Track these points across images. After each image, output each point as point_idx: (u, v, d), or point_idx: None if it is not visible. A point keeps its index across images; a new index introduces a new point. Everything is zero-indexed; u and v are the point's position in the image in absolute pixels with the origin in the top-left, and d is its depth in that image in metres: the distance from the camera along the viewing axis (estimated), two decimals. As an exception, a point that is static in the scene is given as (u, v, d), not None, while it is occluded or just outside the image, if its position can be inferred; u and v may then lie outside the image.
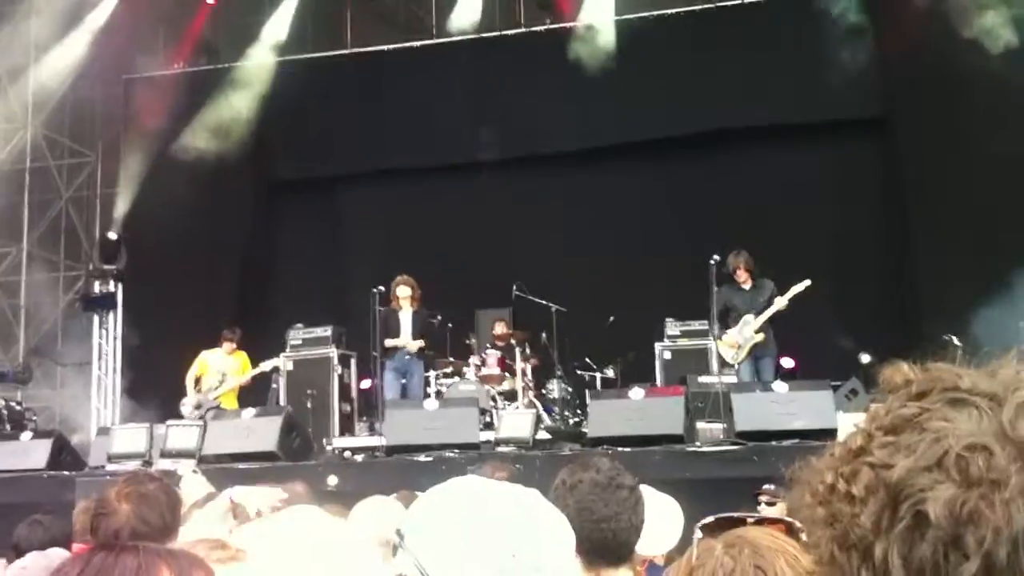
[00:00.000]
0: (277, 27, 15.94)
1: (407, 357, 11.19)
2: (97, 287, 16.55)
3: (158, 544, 1.48)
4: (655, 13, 14.50)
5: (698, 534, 1.69)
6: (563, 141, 14.72)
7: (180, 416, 11.41)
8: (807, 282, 10.09)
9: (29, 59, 16.32)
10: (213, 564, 1.46)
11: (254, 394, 12.43)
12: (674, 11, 14.49)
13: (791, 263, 11.04)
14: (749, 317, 10.19)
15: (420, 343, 11.26)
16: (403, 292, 11.22)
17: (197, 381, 11.77)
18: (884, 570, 0.83)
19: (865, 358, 11.46)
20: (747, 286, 10.29)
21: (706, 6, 14.63)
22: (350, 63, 15.43)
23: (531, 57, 14.83)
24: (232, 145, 15.16)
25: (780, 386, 8.90)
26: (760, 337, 10.22)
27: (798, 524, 1.54)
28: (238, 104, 15.22)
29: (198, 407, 11.47)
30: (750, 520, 2.24)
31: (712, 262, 9.81)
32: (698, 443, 8.96)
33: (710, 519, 1.71)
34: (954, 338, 8.58)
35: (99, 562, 1.29)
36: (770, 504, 6.35)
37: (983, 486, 0.80)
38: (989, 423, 0.84)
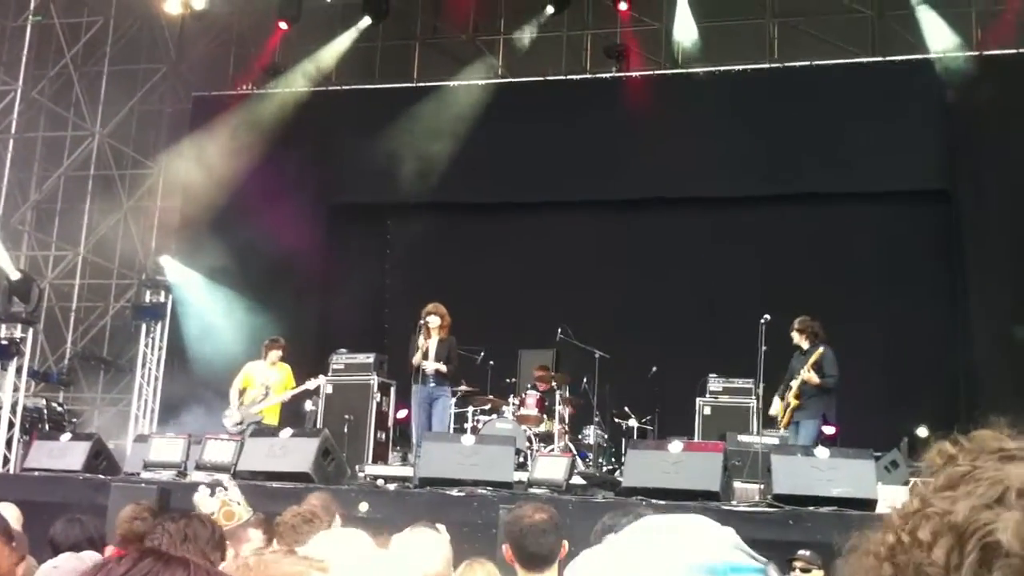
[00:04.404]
0: (340, 53, 16.22)
1: (432, 384, 11.11)
2: (148, 297, 16.75)
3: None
4: (723, 68, 14.56)
5: None
6: (618, 188, 14.73)
7: (220, 428, 11.44)
8: (820, 350, 9.99)
9: (103, 68, 16.70)
10: (300, 571, 1.46)
11: (294, 414, 12.45)
12: (744, 67, 14.55)
13: (844, 330, 10.91)
14: (795, 382, 10.09)
15: (439, 365, 11.10)
16: (433, 321, 11.14)
17: (241, 393, 11.71)
18: None
19: (922, 432, 11.30)
20: (805, 349, 10.19)
21: (774, 65, 14.68)
22: (414, 95, 15.56)
23: (593, 103, 14.89)
24: (293, 166, 15.37)
25: (822, 451, 8.73)
26: (795, 402, 10.07)
27: None
28: (303, 126, 15.44)
29: (240, 422, 11.45)
30: None
31: (763, 321, 9.71)
32: (734, 502, 8.83)
33: None
34: (1001, 418, 8.43)
35: (147, 566, 1.26)
36: (805, 571, 6.23)
37: None
38: None
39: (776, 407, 10.25)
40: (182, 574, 1.25)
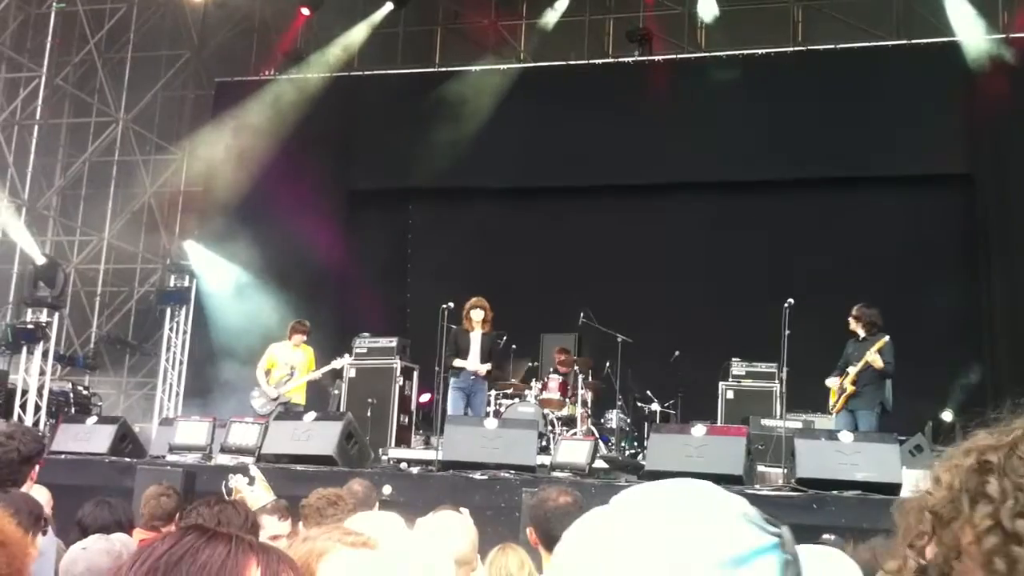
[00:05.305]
0: (362, 39, 16.23)
1: (472, 378, 11.17)
2: (172, 281, 16.86)
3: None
4: (746, 52, 14.47)
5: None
6: (641, 173, 14.69)
7: (245, 410, 11.49)
8: (886, 337, 9.85)
9: (126, 55, 16.78)
10: (348, 548, 1.48)
11: (317, 397, 12.50)
12: (768, 51, 14.46)
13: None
14: (853, 368, 9.95)
15: (488, 367, 11.21)
16: (477, 315, 11.13)
17: (267, 373, 11.73)
18: None
19: (947, 416, 11.23)
20: (861, 336, 10.09)
21: (798, 48, 14.60)
22: (436, 81, 15.54)
23: (616, 87, 14.84)
24: (315, 151, 15.40)
25: (846, 435, 8.71)
26: (851, 388, 9.94)
27: None
28: (325, 112, 15.46)
29: (276, 398, 11.46)
30: None
31: (786, 305, 9.66)
32: (757, 486, 8.82)
33: None
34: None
35: (189, 542, 1.26)
36: (828, 554, 6.21)
37: None
38: None
39: (833, 384, 10.08)
40: (223, 548, 1.25)
